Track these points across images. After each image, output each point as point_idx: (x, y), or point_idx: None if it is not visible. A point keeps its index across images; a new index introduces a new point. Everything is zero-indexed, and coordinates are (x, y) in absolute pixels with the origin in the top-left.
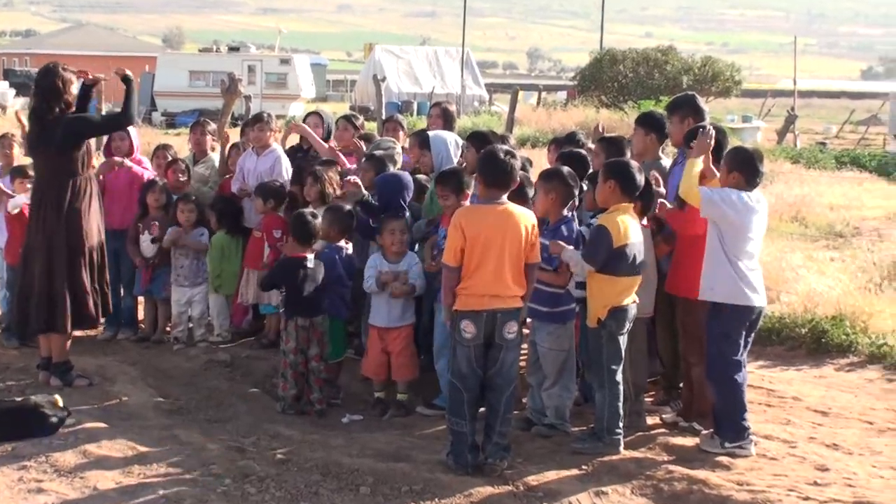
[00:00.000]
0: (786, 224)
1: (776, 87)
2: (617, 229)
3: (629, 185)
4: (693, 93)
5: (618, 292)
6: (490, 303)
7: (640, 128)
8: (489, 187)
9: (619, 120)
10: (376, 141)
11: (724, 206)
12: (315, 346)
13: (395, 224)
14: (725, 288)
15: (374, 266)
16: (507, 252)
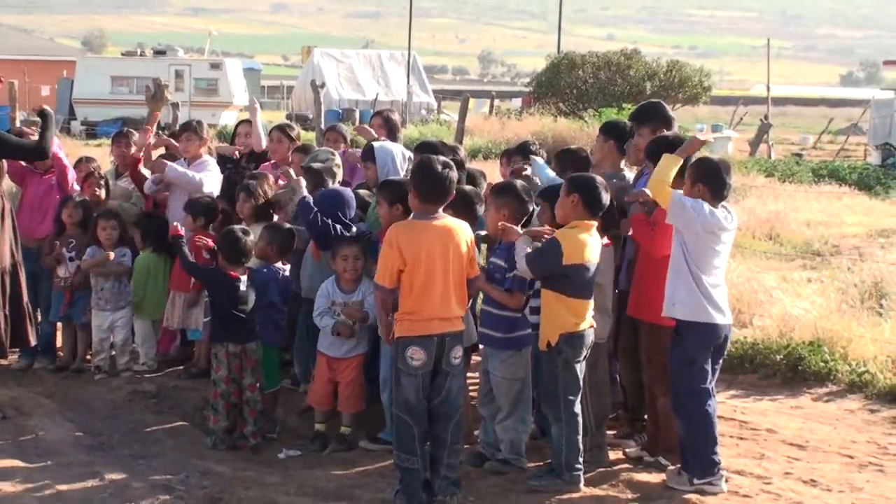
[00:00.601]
0: (759, 242)
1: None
2: (571, 246)
3: (593, 202)
4: (658, 100)
5: (570, 314)
6: (439, 326)
7: (600, 134)
8: (424, 201)
9: (578, 129)
10: (313, 152)
11: (693, 214)
12: (249, 374)
13: (348, 249)
14: (688, 304)
15: (326, 296)
16: (452, 271)
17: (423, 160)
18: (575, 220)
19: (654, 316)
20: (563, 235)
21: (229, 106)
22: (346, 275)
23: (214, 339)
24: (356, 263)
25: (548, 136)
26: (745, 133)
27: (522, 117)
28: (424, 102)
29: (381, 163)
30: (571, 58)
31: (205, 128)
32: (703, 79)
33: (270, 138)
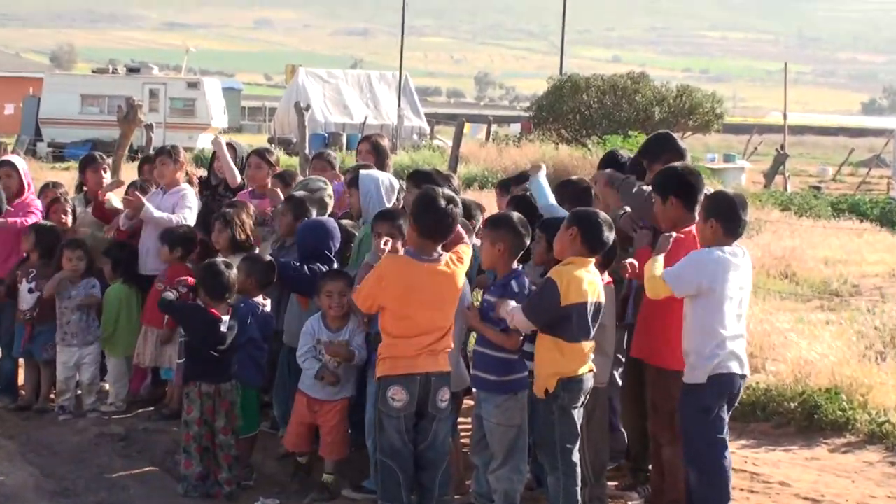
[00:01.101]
0: (773, 281)
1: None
2: (567, 285)
3: (594, 239)
4: (667, 132)
5: (568, 360)
6: (424, 365)
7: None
8: (423, 237)
9: (580, 157)
10: (303, 181)
11: (695, 280)
12: (222, 417)
13: (332, 285)
14: (709, 362)
15: (311, 333)
16: (443, 315)
17: (426, 192)
18: (571, 255)
19: (661, 359)
20: (559, 274)
21: (207, 128)
22: (331, 312)
23: (187, 377)
24: (342, 299)
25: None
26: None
27: (521, 144)
28: (416, 127)
29: (364, 190)
30: (575, 80)
31: (181, 152)
32: (715, 105)
33: (248, 164)
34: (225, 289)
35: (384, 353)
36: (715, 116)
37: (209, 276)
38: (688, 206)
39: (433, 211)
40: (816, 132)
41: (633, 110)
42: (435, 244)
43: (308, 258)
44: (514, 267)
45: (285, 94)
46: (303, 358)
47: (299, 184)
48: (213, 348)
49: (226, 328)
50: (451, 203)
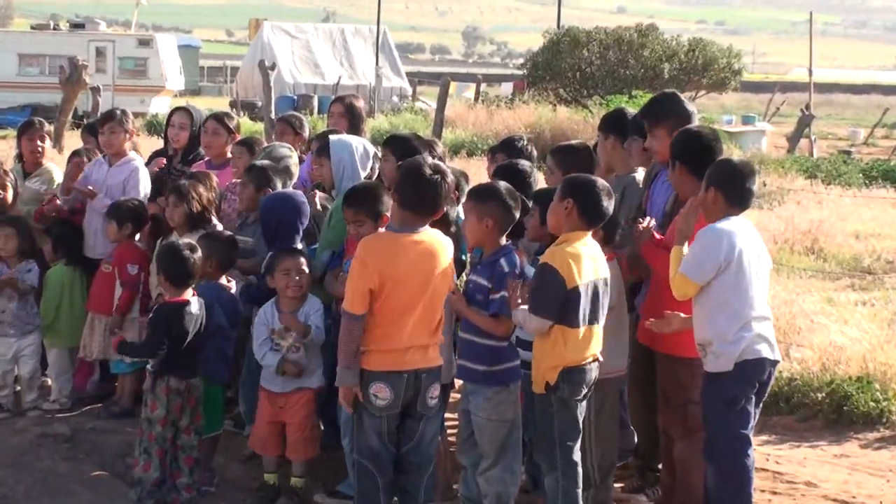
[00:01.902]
0: (798, 258)
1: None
2: (568, 266)
3: (591, 210)
4: (673, 91)
5: (572, 347)
6: (413, 361)
7: (600, 131)
8: (408, 211)
9: (581, 121)
10: (268, 147)
11: (712, 260)
12: (188, 416)
13: (290, 262)
14: (735, 349)
15: (265, 322)
16: (433, 297)
17: (411, 163)
18: (568, 230)
19: (671, 346)
20: (553, 256)
21: (161, 91)
22: (288, 292)
23: (159, 370)
24: (301, 278)
25: (545, 129)
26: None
27: (514, 106)
28: (396, 87)
29: (337, 159)
30: (574, 34)
31: (131, 118)
32: (733, 60)
33: (204, 130)
34: (189, 275)
35: (369, 345)
36: (732, 73)
37: (171, 261)
38: (696, 172)
39: (417, 181)
40: (846, 90)
41: (639, 67)
42: (420, 219)
43: (272, 236)
44: (502, 243)
45: (249, 51)
46: (259, 351)
47: (261, 151)
48: (180, 340)
49: (196, 310)
50: (440, 174)
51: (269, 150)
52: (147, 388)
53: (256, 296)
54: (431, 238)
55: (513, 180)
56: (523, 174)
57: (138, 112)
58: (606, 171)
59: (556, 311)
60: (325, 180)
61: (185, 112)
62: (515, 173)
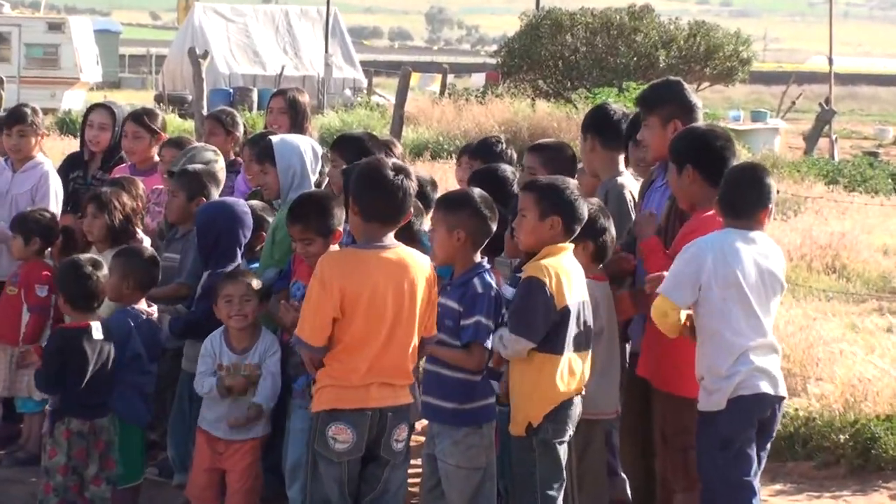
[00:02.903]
0: (817, 276)
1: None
2: (558, 281)
3: (572, 218)
4: (677, 78)
5: (562, 380)
6: (379, 397)
7: (581, 132)
8: (370, 221)
9: (563, 117)
10: (189, 150)
11: (693, 278)
12: (96, 462)
13: (231, 287)
14: (728, 384)
15: (210, 355)
16: (403, 321)
17: (367, 164)
18: (547, 243)
19: (673, 382)
20: (539, 269)
21: (75, 83)
22: (231, 322)
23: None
24: (245, 306)
25: (522, 127)
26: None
27: (487, 100)
28: (349, 79)
29: (285, 165)
30: (556, 17)
31: (40, 115)
32: (741, 47)
33: (124, 133)
34: (91, 296)
35: (326, 380)
36: (740, 62)
37: (70, 280)
38: (710, 178)
39: (379, 185)
40: (872, 81)
41: (631, 56)
42: (384, 228)
43: (210, 252)
44: (476, 260)
45: (177, 37)
46: (202, 386)
47: (185, 154)
48: (80, 372)
49: (97, 335)
50: (402, 174)
51: (191, 153)
52: (45, 432)
53: (190, 327)
54: (404, 254)
55: (492, 188)
56: (504, 181)
57: (48, 108)
58: (591, 175)
59: (541, 332)
60: (269, 189)
61: (105, 110)
62: (495, 180)
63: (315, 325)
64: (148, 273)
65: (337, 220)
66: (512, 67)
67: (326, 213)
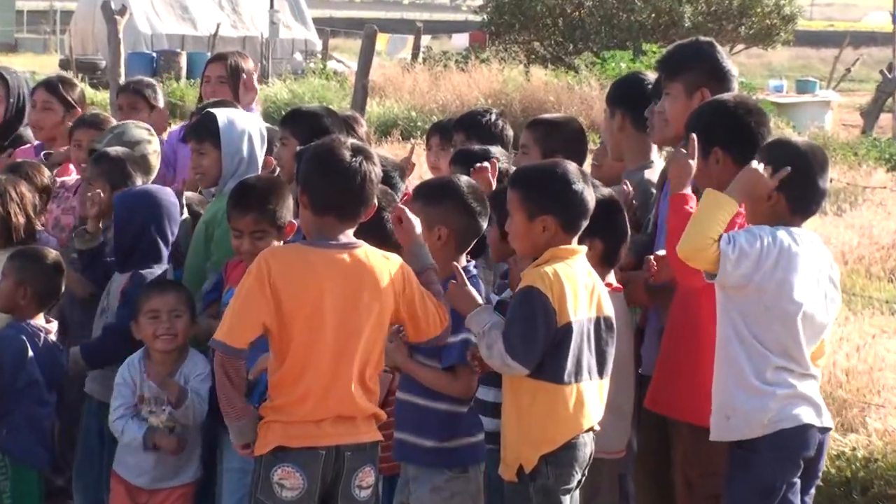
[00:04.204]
0: (876, 284)
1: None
2: (560, 292)
3: (570, 214)
4: (709, 39)
5: (562, 416)
6: (333, 432)
7: (607, 106)
8: (322, 214)
9: (564, 87)
10: (117, 127)
11: (756, 263)
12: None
13: (159, 299)
14: (755, 411)
15: (128, 385)
16: (361, 338)
17: (319, 146)
18: (546, 245)
19: (696, 412)
20: (541, 278)
21: None
22: (158, 344)
23: None
24: (174, 323)
25: (513, 99)
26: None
27: (470, 66)
28: (300, 40)
29: (230, 146)
30: None
31: None
32: (783, 1)
33: (32, 103)
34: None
35: (270, 414)
36: (782, 20)
37: None
38: (743, 163)
39: (333, 170)
40: None
41: (649, 11)
42: (340, 224)
43: (128, 251)
44: (461, 264)
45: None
46: (118, 422)
47: (108, 132)
48: None
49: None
50: (361, 155)
51: (118, 130)
52: None
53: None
54: (365, 255)
55: None
56: None
57: None
58: (615, 159)
59: (538, 354)
60: (207, 175)
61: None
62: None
63: (236, 324)
64: (49, 281)
65: (290, 212)
66: (501, 26)
67: (281, 200)
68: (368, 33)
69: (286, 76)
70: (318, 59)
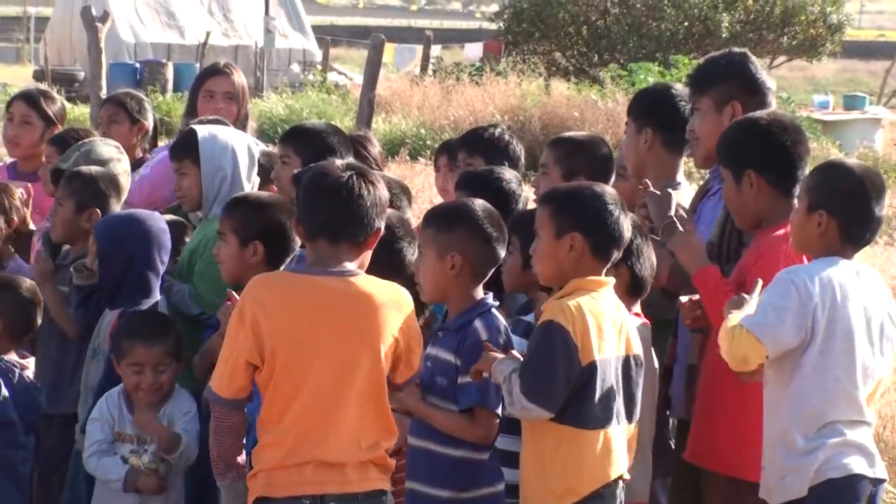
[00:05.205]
0: None
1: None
2: (583, 328)
3: (601, 236)
4: (742, 50)
5: (587, 464)
6: (317, 480)
7: (629, 118)
8: (314, 238)
9: (588, 102)
10: (83, 145)
11: (797, 322)
12: None
13: (145, 351)
14: (809, 463)
15: (106, 420)
16: (357, 373)
17: (314, 168)
18: (572, 274)
19: (732, 463)
20: (563, 312)
21: None
22: (141, 395)
23: None
24: (159, 376)
25: (532, 116)
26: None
27: (485, 79)
28: (297, 50)
29: (211, 165)
30: None
31: None
32: (829, 10)
33: (9, 117)
34: None
35: (258, 463)
36: (828, 30)
37: None
38: (781, 186)
39: (322, 187)
40: None
41: (682, 19)
42: (335, 249)
43: (111, 283)
44: (478, 296)
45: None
46: (91, 458)
47: (73, 150)
48: None
49: None
50: (355, 171)
51: (85, 148)
52: None
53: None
54: (363, 284)
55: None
56: (503, 188)
57: None
58: (636, 175)
59: (561, 396)
60: (187, 196)
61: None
62: (490, 185)
63: (225, 371)
64: (23, 313)
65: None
66: (519, 35)
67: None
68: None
69: (282, 89)
70: (317, 70)
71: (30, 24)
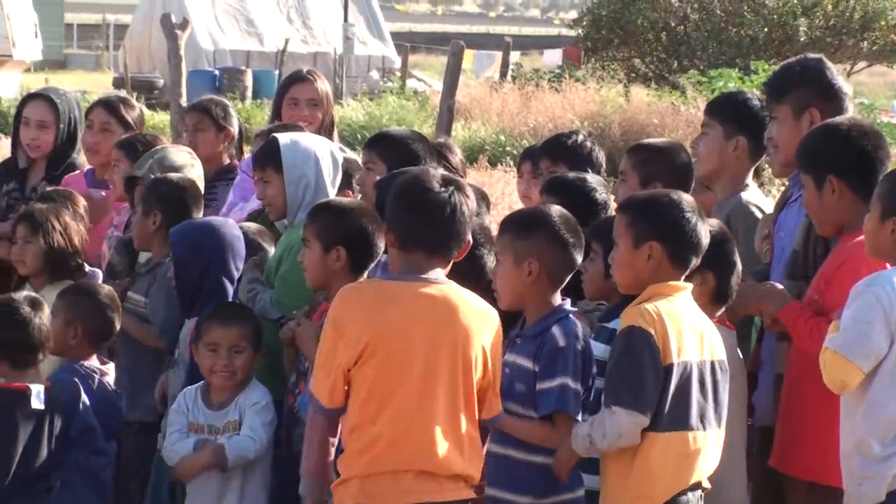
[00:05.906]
0: None
1: None
2: (663, 331)
3: (679, 244)
4: (818, 55)
5: (669, 469)
6: (415, 489)
7: (713, 121)
8: (409, 250)
9: (669, 108)
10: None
11: (879, 334)
12: None
13: (220, 332)
14: (888, 469)
15: (182, 412)
16: (445, 383)
17: (406, 178)
18: (650, 280)
19: (816, 469)
20: (643, 316)
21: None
22: (216, 379)
23: None
24: (233, 360)
25: (612, 122)
26: None
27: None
28: (377, 57)
29: (294, 172)
30: None
31: None
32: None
33: (88, 123)
34: (31, 348)
35: (346, 470)
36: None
37: (5, 329)
38: (862, 191)
39: (422, 202)
40: None
41: (761, 25)
42: (430, 261)
43: (188, 290)
44: (556, 303)
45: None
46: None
47: (146, 158)
48: (13, 449)
49: (38, 405)
50: (453, 186)
51: (158, 156)
52: None
53: None
54: (453, 293)
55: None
56: (589, 195)
57: None
58: (705, 178)
59: (651, 403)
60: (272, 204)
61: (44, 102)
62: (575, 192)
63: (322, 380)
64: (102, 319)
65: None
66: (598, 42)
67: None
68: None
69: (361, 96)
70: (396, 77)
71: (109, 31)
